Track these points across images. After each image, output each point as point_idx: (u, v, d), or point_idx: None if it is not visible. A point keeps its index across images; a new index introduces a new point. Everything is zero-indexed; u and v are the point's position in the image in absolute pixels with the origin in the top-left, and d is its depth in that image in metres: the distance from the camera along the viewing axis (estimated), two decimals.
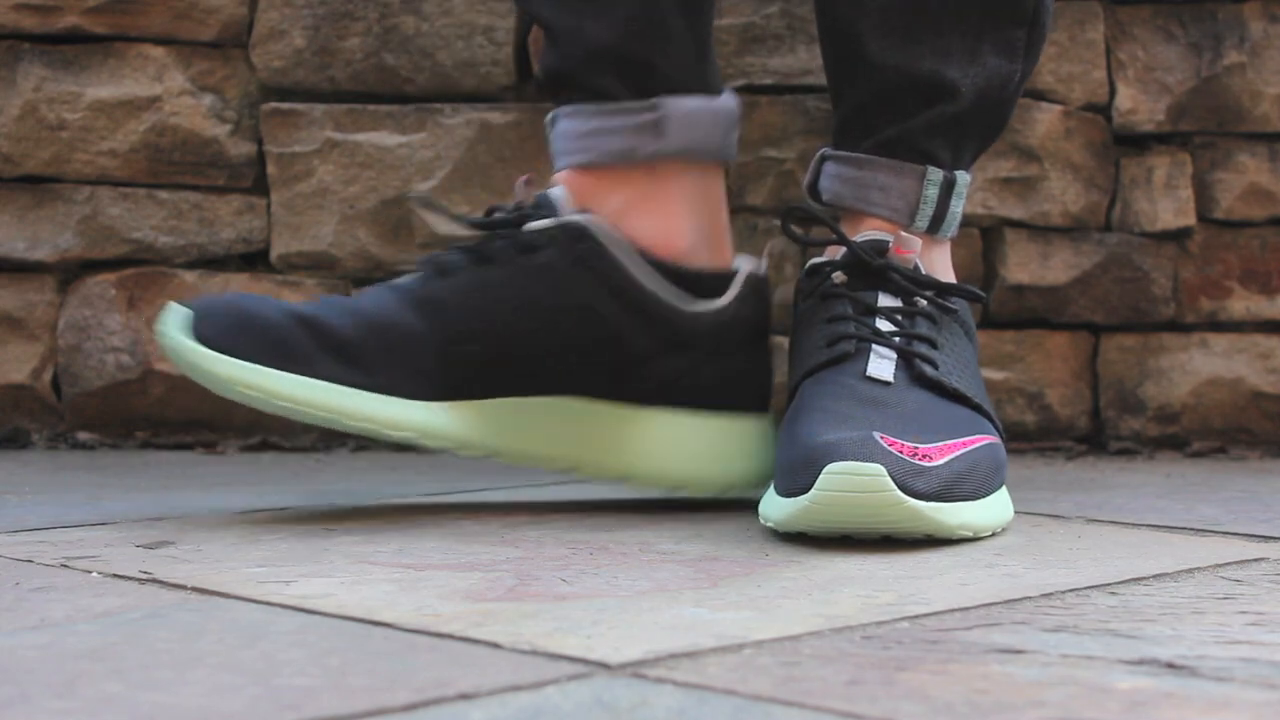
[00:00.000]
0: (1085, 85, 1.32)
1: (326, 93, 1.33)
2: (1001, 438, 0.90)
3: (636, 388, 0.95)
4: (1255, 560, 0.79)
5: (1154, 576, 0.75)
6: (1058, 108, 1.31)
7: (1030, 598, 0.69)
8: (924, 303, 0.93)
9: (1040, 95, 1.32)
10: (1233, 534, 0.88)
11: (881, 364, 0.90)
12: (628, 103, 0.97)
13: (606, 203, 0.96)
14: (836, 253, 0.96)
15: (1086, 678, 0.55)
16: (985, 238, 1.33)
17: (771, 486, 0.86)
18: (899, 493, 0.78)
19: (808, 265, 0.98)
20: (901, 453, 0.80)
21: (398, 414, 0.90)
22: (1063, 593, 0.70)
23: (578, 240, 0.94)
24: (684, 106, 0.97)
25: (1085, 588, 0.72)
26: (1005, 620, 0.64)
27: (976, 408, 0.90)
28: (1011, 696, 0.52)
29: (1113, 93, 1.32)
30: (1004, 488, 0.87)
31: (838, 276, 0.94)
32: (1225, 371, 1.31)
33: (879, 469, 0.78)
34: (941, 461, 0.81)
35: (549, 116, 1.01)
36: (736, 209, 1.33)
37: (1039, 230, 1.32)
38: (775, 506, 0.83)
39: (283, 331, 0.89)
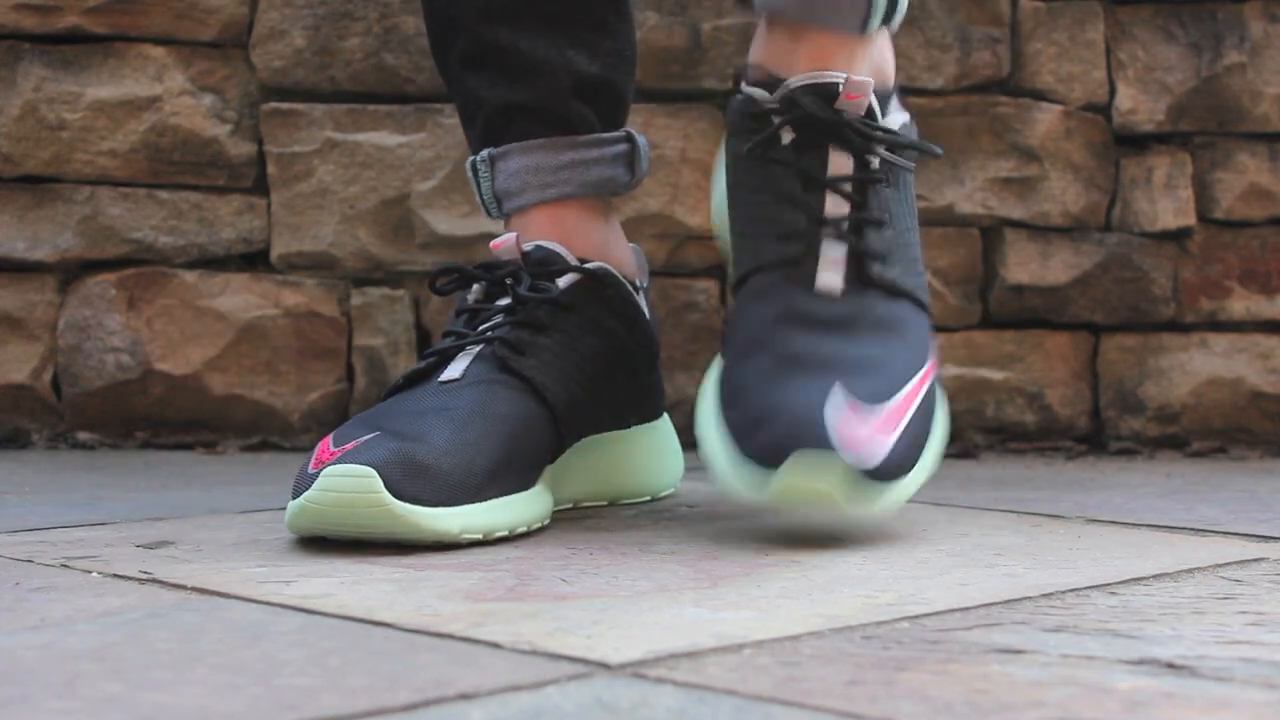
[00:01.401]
0: (1085, 85, 1.32)
1: (326, 93, 1.33)
2: (930, 315, 0.90)
3: (629, 411, 0.97)
4: (1255, 560, 0.79)
5: (1154, 576, 0.75)
6: (1058, 108, 1.31)
7: (1030, 598, 0.69)
8: (877, 162, 0.88)
9: (1040, 95, 1.32)
10: (1233, 534, 0.88)
11: (830, 274, 0.87)
12: (603, 134, 0.97)
13: (589, 235, 0.96)
14: (769, 61, 0.90)
15: (1086, 678, 0.55)
16: (985, 238, 1.33)
17: (720, 427, 0.85)
18: (862, 481, 0.79)
19: (744, 99, 0.91)
20: (855, 430, 0.80)
21: (548, 503, 0.89)
22: (1063, 593, 0.70)
23: (605, 286, 0.94)
24: (641, 139, 0.99)
25: (1085, 588, 0.72)
26: (1005, 620, 0.64)
27: (918, 302, 0.89)
28: (1011, 696, 0.52)
29: (1113, 93, 1.32)
30: (938, 422, 0.88)
31: (786, 135, 0.88)
32: (1225, 371, 1.32)
33: (839, 469, 0.78)
34: (894, 437, 0.82)
35: (483, 155, 0.97)
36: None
37: (1039, 230, 1.32)
38: (744, 478, 0.82)
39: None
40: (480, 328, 0.90)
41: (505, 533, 0.83)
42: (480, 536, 0.81)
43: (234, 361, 1.32)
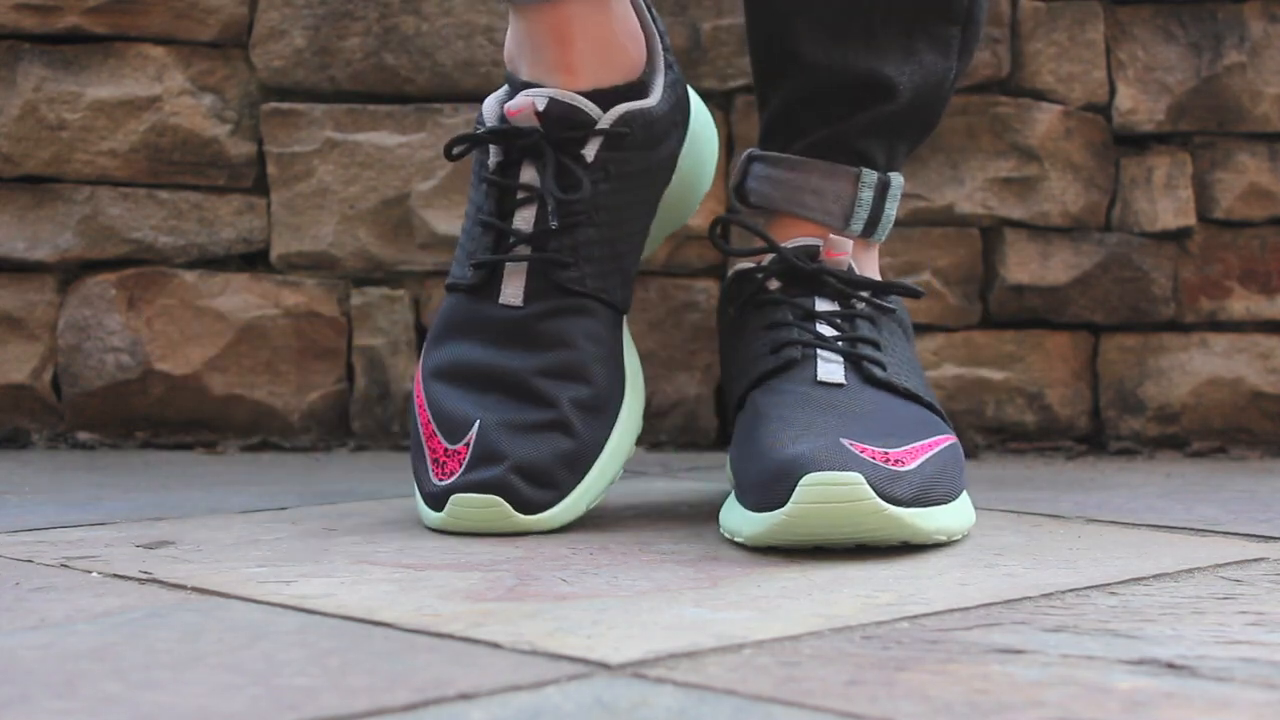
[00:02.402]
0: (1085, 85, 1.32)
1: (326, 93, 1.33)
2: (948, 425, 0.89)
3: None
4: (1255, 560, 0.79)
5: (1154, 576, 0.75)
6: (1058, 108, 1.31)
7: (1030, 598, 0.69)
8: (862, 304, 0.92)
9: (1040, 95, 1.32)
10: (1233, 534, 0.88)
11: (831, 368, 0.88)
12: None
13: (590, 34, 0.93)
14: (763, 259, 0.95)
15: (1086, 678, 0.55)
16: (985, 238, 1.33)
17: (731, 499, 0.84)
18: (879, 500, 0.76)
19: (733, 272, 0.96)
20: (874, 458, 0.78)
21: None
22: (1063, 593, 0.70)
23: (633, 130, 0.94)
24: None
25: (1085, 588, 0.72)
26: (1005, 620, 0.64)
27: (929, 406, 0.89)
28: (1011, 696, 0.52)
29: (1113, 93, 1.32)
30: (965, 489, 0.86)
31: (772, 283, 0.93)
32: (1225, 371, 1.32)
33: (857, 477, 0.76)
34: (914, 465, 0.80)
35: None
36: (735, 209, 1.33)
37: (1039, 230, 1.32)
38: (745, 521, 0.81)
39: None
40: (514, 239, 0.89)
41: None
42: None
43: (234, 361, 1.32)
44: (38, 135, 1.32)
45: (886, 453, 0.79)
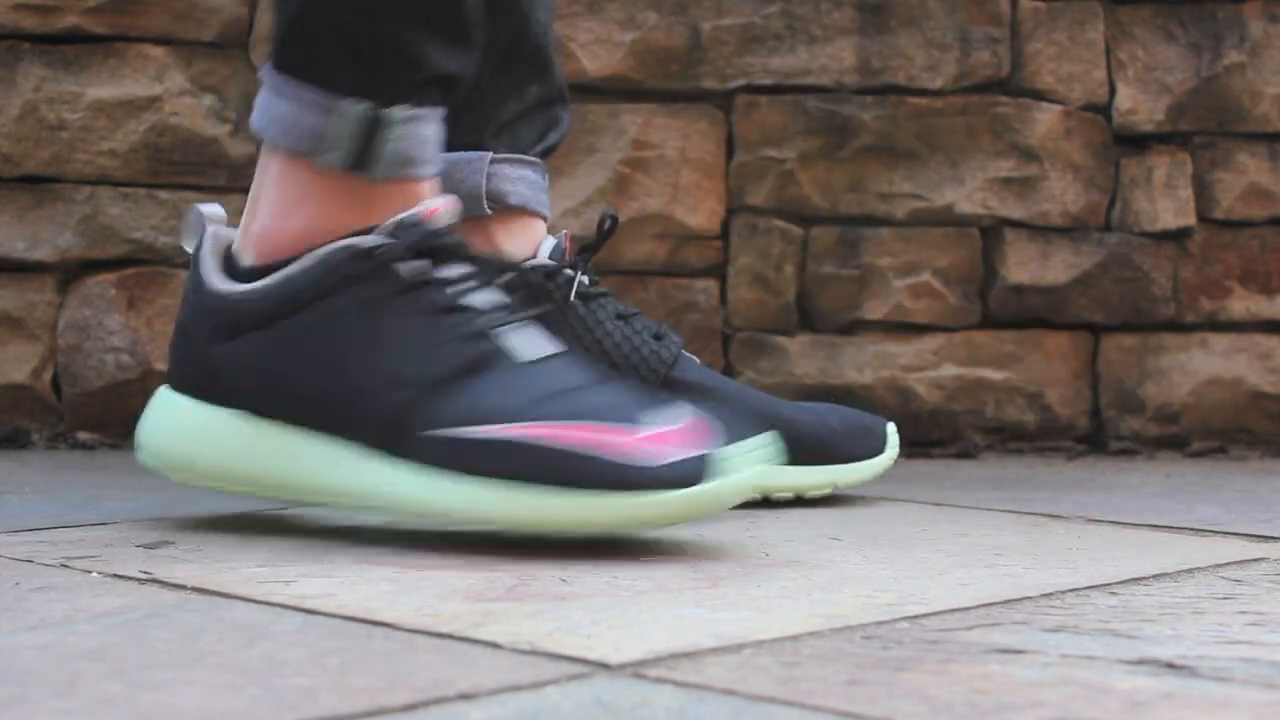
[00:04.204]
0: (1085, 85, 1.32)
1: None
2: None
3: None
4: (1255, 560, 0.79)
5: (1154, 576, 0.75)
6: (1058, 108, 1.31)
7: (1030, 598, 0.69)
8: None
9: (1040, 95, 1.32)
10: (1233, 534, 0.88)
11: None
12: None
13: None
14: None
15: (1086, 678, 0.55)
16: (985, 238, 1.33)
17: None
18: None
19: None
20: None
21: None
22: (1063, 593, 0.70)
23: None
24: None
25: (1085, 588, 0.72)
26: (1005, 620, 0.64)
27: None
28: (1011, 696, 0.52)
29: (1113, 93, 1.32)
30: None
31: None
32: (1225, 371, 1.32)
33: None
34: None
35: (405, 111, 0.85)
36: (737, 209, 1.32)
37: (1039, 230, 1.32)
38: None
39: None
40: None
41: None
42: None
43: None
44: (38, 135, 1.32)
45: None
